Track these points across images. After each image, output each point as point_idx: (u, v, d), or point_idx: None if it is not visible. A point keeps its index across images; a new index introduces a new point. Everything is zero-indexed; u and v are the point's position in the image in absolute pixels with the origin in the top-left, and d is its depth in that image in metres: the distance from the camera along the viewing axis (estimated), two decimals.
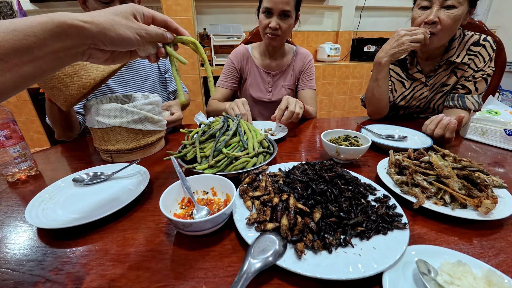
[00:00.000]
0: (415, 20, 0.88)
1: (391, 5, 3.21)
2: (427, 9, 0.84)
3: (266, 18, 1.01)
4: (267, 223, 0.40)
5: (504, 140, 0.79)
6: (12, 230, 0.47)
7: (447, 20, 0.81)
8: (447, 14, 0.81)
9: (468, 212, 0.46)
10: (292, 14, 1.01)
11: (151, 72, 1.14)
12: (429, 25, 0.84)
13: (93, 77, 0.64)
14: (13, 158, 0.65)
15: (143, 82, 1.11)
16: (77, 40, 0.32)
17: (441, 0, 0.80)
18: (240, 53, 1.19)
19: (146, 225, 0.47)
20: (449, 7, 0.81)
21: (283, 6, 0.97)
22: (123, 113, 0.67)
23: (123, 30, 0.35)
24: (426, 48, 0.89)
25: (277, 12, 0.98)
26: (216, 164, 0.54)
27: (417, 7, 0.88)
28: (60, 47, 0.31)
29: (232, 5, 2.87)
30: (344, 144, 0.66)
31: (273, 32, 1.02)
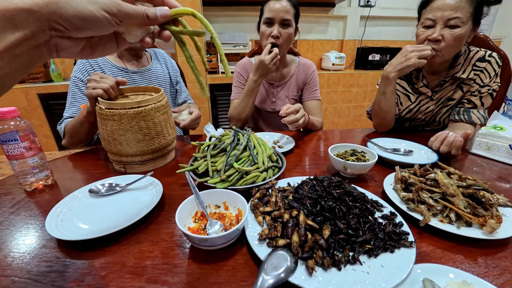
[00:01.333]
0: (419, 37, 0.90)
1: (396, 15, 3.24)
2: (431, 27, 0.87)
3: (267, 28, 1.06)
4: (278, 239, 0.42)
5: (510, 155, 0.80)
6: (33, 240, 0.49)
7: (450, 38, 0.83)
8: (450, 33, 0.83)
9: (473, 231, 0.47)
10: (292, 23, 1.06)
11: (163, 82, 1.18)
12: (432, 42, 0.86)
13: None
14: (31, 168, 0.68)
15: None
16: (29, 28, 0.25)
17: (445, 19, 0.83)
18: (244, 64, 1.24)
19: (161, 238, 0.49)
20: (453, 27, 0.83)
21: (283, 15, 1.02)
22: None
23: (83, 6, 0.27)
24: (430, 63, 0.92)
25: (278, 20, 1.03)
26: (228, 178, 0.56)
27: (421, 25, 0.90)
28: (12, 42, 0.24)
29: (239, 14, 2.93)
30: (351, 159, 0.68)
31: (275, 41, 1.05)
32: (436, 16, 0.84)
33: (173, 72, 1.24)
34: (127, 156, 0.72)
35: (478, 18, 0.85)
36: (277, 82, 1.22)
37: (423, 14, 0.90)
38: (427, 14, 0.87)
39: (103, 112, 0.69)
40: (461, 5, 0.81)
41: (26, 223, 0.55)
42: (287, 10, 1.02)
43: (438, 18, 0.84)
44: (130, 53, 1.10)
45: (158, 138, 0.74)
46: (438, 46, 0.86)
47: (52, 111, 2.69)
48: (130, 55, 1.10)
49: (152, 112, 0.71)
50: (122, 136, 0.69)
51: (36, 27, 0.25)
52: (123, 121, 0.68)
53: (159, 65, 1.20)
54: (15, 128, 0.64)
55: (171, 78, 1.23)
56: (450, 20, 0.82)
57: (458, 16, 0.81)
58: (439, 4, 0.84)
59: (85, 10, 0.27)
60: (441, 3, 0.83)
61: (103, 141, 0.73)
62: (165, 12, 0.35)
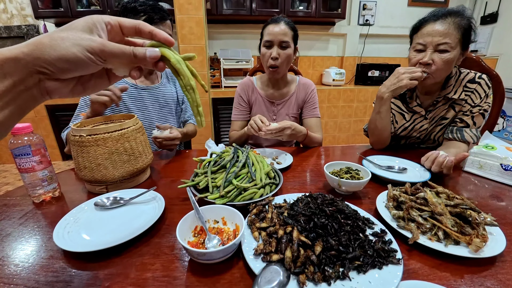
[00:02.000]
0: (411, 60, 0.96)
1: (394, 33, 3.35)
2: (422, 51, 0.92)
3: (267, 50, 1.12)
4: (272, 254, 0.44)
5: (501, 174, 0.82)
6: (41, 251, 0.52)
7: (440, 62, 0.88)
8: (440, 57, 0.88)
9: (460, 249, 0.49)
10: (291, 44, 1.12)
11: (171, 100, 1.23)
12: (423, 66, 0.91)
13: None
14: (41, 180, 0.71)
15: (161, 109, 1.19)
16: (18, 75, 0.27)
17: (434, 44, 0.88)
18: (245, 84, 1.29)
19: (162, 251, 0.51)
20: (442, 51, 0.88)
21: (281, 37, 1.08)
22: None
23: (66, 49, 0.28)
24: (422, 84, 0.96)
25: (276, 43, 1.10)
26: (227, 194, 0.59)
27: (413, 49, 0.95)
28: (3, 90, 0.27)
29: (242, 32, 3.04)
30: (346, 177, 0.70)
31: (274, 62, 1.11)
32: (426, 41, 0.90)
33: (181, 91, 1.30)
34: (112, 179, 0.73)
35: (466, 43, 0.90)
36: (278, 100, 1.27)
37: (414, 38, 0.96)
38: (418, 39, 0.93)
39: (84, 139, 0.69)
40: (449, 31, 0.86)
41: (35, 234, 0.57)
42: (285, 32, 1.08)
43: (428, 43, 0.89)
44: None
45: (141, 157, 0.78)
46: (429, 69, 0.90)
47: (58, 122, 2.76)
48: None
49: (134, 133, 0.76)
50: (108, 159, 0.71)
51: (23, 73, 0.27)
52: (107, 144, 0.70)
53: (168, 83, 1.25)
54: (28, 142, 0.68)
55: (178, 97, 1.29)
56: (440, 45, 0.88)
57: (447, 42, 0.86)
58: (429, 30, 0.89)
59: (68, 53, 0.28)
60: (431, 29, 0.89)
61: (83, 170, 0.71)
62: (154, 54, 0.34)
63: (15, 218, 0.64)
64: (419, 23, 0.94)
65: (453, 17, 0.87)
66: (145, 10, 1.00)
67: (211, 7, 2.61)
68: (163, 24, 1.04)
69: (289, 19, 1.13)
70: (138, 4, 1.01)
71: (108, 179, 0.72)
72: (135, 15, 1.02)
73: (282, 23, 1.09)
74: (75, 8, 2.51)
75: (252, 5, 2.67)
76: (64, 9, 2.50)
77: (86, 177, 0.72)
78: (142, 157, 0.78)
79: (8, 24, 2.82)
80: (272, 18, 1.13)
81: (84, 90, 0.35)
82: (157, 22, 1.02)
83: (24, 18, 2.83)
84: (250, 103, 1.30)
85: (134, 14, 1.02)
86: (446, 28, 0.86)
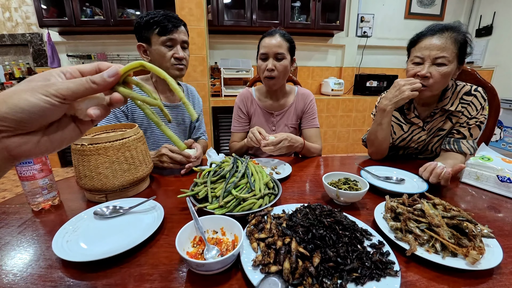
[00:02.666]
0: (409, 72, 0.98)
1: (391, 45, 3.42)
2: (420, 64, 0.94)
3: (263, 62, 1.14)
4: (271, 265, 0.44)
5: (498, 186, 0.83)
6: (39, 260, 0.52)
7: (437, 75, 0.90)
8: (437, 70, 0.90)
9: (457, 261, 0.49)
10: (286, 56, 1.14)
11: (188, 119, 1.24)
12: (421, 78, 0.93)
13: None
14: (41, 188, 0.71)
15: (178, 126, 1.21)
16: None
17: (432, 58, 0.90)
18: (244, 96, 1.31)
19: (161, 261, 0.51)
20: (439, 64, 0.90)
21: (276, 50, 1.11)
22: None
23: (18, 98, 0.26)
24: (420, 96, 0.98)
25: (272, 55, 1.12)
26: (226, 204, 0.59)
27: (410, 62, 0.98)
28: None
29: (242, 42, 3.10)
30: (344, 188, 0.71)
31: (270, 74, 1.13)
32: (424, 54, 0.92)
33: (198, 109, 1.32)
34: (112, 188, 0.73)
35: (462, 57, 0.92)
36: (276, 111, 1.28)
37: (412, 52, 0.98)
38: (415, 52, 0.95)
39: (86, 148, 0.69)
40: (446, 45, 0.89)
41: (33, 243, 0.57)
42: (280, 44, 1.10)
43: (426, 57, 0.91)
44: (166, 84, 1.14)
45: (141, 166, 0.78)
46: (426, 82, 0.92)
47: None
48: (165, 85, 1.15)
49: (135, 142, 0.77)
50: (108, 168, 0.71)
51: None
52: (108, 153, 0.71)
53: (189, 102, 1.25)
54: None
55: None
56: (437, 58, 0.90)
57: (445, 56, 0.89)
58: (426, 44, 0.92)
59: (21, 100, 0.26)
60: (429, 43, 0.91)
61: (84, 178, 0.72)
62: (113, 70, 0.31)
63: (14, 226, 0.64)
64: (416, 37, 0.97)
65: (450, 32, 0.89)
66: (157, 22, 0.99)
67: (213, 18, 2.67)
68: (177, 31, 1.02)
69: (284, 31, 1.15)
70: (149, 18, 1.00)
71: (108, 188, 0.72)
72: (148, 31, 1.01)
73: (277, 35, 1.12)
74: (79, 17, 2.56)
75: (253, 16, 2.73)
76: (68, 18, 2.55)
77: (86, 185, 0.72)
78: (142, 166, 0.79)
79: (13, 32, 2.87)
80: (268, 31, 1.16)
81: (52, 144, 0.31)
82: (172, 30, 1.01)
83: (29, 27, 2.88)
84: (249, 114, 1.31)
85: (147, 29, 1.01)
86: (443, 43, 0.89)
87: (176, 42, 1.03)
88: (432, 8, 3.43)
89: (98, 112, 0.31)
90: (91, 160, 0.70)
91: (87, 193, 0.77)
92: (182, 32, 1.04)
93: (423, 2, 3.39)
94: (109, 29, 2.75)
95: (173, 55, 1.04)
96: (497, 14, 3.30)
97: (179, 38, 1.03)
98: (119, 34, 2.90)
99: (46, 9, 2.60)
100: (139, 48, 1.07)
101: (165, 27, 0.99)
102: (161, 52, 1.02)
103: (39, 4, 2.49)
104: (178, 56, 1.04)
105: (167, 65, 1.05)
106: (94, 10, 2.68)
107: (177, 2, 2.10)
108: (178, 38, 1.03)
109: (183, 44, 1.06)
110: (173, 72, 1.07)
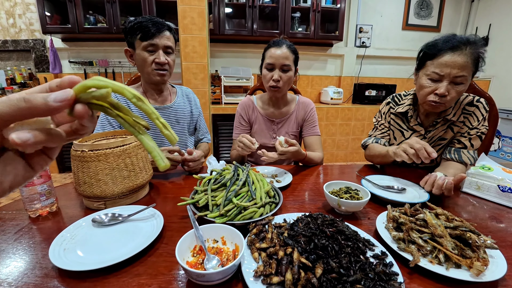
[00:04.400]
0: (424, 89, 0.94)
1: (390, 55, 3.47)
2: (437, 81, 0.91)
3: (269, 72, 1.15)
4: (272, 276, 0.44)
5: (499, 195, 0.82)
6: (35, 268, 0.51)
7: (454, 94, 0.89)
8: (455, 89, 0.88)
9: (461, 272, 0.48)
10: (292, 67, 1.15)
11: (183, 119, 1.24)
12: (438, 97, 0.90)
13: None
14: (39, 195, 0.70)
15: (172, 127, 1.20)
16: None
17: (452, 76, 0.87)
18: (246, 104, 1.32)
19: (160, 271, 0.50)
20: (458, 83, 0.88)
21: (283, 61, 1.11)
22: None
23: None
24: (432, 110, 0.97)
25: (278, 66, 1.12)
26: (227, 213, 0.59)
27: (427, 77, 0.93)
28: None
29: (243, 51, 3.14)
30: (345, 197, 0.71)
31: (276, 84, 1.14)
32: (444, 71, 0.87)
33: (196, 110, 1.31)
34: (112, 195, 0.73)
35: (474, 74, 0.91)
36: (278, 119, 1.29)
37: (429, 66, 0.92)
38: (434, 68, 0.90)
39: (86, 154, 0.69)
40: (467, 64, 0.85)
41: (30, 251, 0.56)
42: (287, 56, 1.11)
43: (446, 75, 0.87)
44: (152, 88, 1.16)
45: (141, 173, 0.78)
46: (443, 100, 0.90)
47: None
48: (152, 89, 1.16)
49: (136, 149, 0.77)
50: (108, 175, 0.71)
51: None
52: (109, 160, 0.70)
53: (182, 102, 1.25)
54: None
55: (193, 116, 1.30)
56: (457, 77, 0.86)
57: (464, 75, 0.86)
58: (447, 61, 0.86)
59: None
60: (450, 60, 0.86)
61: (83, 185, 0.71)
62: (62, 95, 0.23)
63: (10, 233, 0.63)
64: (435, 49, 0.90)
65: (470, 48, 0.85)
66: (140, 27, 0.99)
67: (214, 28, 2.71)
68: (159, 36, 1.01)
69: (290, 42, 1.17)
70: (134, 23, 1.01)
71: (107, 195, 0.71)
72: (132, 36, 1.02)
73: (284, 47, 1.12)
74: (82, 25, 2.59)
75: (253, 26, 2.78)
76: (71, 25, 2.58)
77: (85, 192, 0.71)
78: (142, 173, 0.78)
79: (16, 38, 2.90)
80: (274, 40, 1.17)
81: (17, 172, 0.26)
82: (154, 35, 1.00)
83: (32, 33, 2.91)
84: (251, 122, 1.32)
85: (131, 35, 1.02)
86: (465, 61, 0.85)
87: (158, 47, 1.03)
88: (429, 20, 3.50)
89: (28, 136, 0.22)
90: (91, 167, 0.70)
91: (85, 200, 0.76)
92: (165, 37, 1.04)
93: (420, 14, 3.47)
94: (111, 36, 2.78)
95: (154, 60, 1.04)
96: (493, 25, 3.37)
97: (160, 43, 1.03)
98: (121, 41, 2.93)
99: (50, 16, 2.63)
100: (126, 52, 1.09)
101: (147, 32, 1.00)
102: (142, 56, 1.03)
103: (43, 11, 2.53)
104: (159, 61, 1.04)
105: (148, 70, 1.06)
106: (98, 18, 2.72)
107: (179, 11, 2.13)
108: (159, 43, 1.02)
109: (166, 49, 1.06)
110: (154, 78, 1.08)
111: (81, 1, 2.53)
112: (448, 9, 3.49)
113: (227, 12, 2.88)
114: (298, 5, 2.90)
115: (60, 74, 3.00)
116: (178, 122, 1.23)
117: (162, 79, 1.10)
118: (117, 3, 2.57)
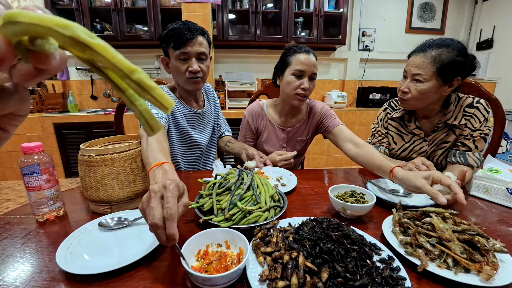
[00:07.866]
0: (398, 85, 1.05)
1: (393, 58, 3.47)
2: (406, 78, 1.00)
3: (297, 80, 1.07)
4: (278, 281, 0.43)
5: (508, 199, 0.81)
6: (43, 272, 0.51)
7: (414, 92, 0.95)
8: (414, 86, 0.95)
9: (471, 277, 0.47)
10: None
11: (211, 119, 1.27)
12: (401, 92, 1.01)
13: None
14: (47, 199, 0.72)
15: (205, 127, 1.24)
16: None
17: (411, 74, 0.96)
18: (255, 111, 1.25)
19: (164, 275, 0.50)
20: (417, 81, 0.94)
21: (313, 69, 1.07)
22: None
23: None
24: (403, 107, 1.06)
25: (308, 73, 1.06)
26: (231, 217, 0.59)
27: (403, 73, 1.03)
28: None
29: (246, 56, 3.17)
30: (350, 201, 0.70)
31: (304, 93, 1.08)
32: (406, 70, 0.99)
33: (216, 106, 1.32)
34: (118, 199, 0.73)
35: (446, 77, 0.91)
36: (289, 127, 1.24)
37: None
38: (405, 66, 1.00)
39: (93, 159, 0.70)
40: (423, 64, 0.92)
41: (37, 255, 0.57)
42: (315, 64, 1.07)
43: (408, 72, 0.98)
44: (189, 94, 1.15)
45: (147, 177, 0.78)
46: (405, 96, 0.99)
47: (64, 140, 2.81)
48: (189, 95, 1.15)
49: (141, 154, 0.77)
50: (114, 179, 0.71)
51: None
52: (115, 164, 0.71)
53: (209, 104, 1.26)
54: (37, 161, 0.69)
55: (217, 114, 1.32)
56: (415, 75, 0.94)
57: (420, 73, 0.92)
58: (409, 61, 0.98)
59: None
60: (410, 60, 0.97)
61: (89, 189, 0.72)
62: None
63: (18, 238, 0.64)
64: (411, 51, 1.01)
65: (435, 50, 0.90)
66: (172, 35, 0.98)
67: (218, 33, 2.75)
68: (192, 43, 0.99)
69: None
70: (167, 31, 1.00)
71: (113, 199, 0.72)
72: (166, 45, 1.02)
73: (312, 54, 1.07)
74: None
75: (257, 31, 2.81)
76: None
77: (91, 196, 0.72)
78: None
79: None
80: (298, 46, 1.10)
81: None
82: (186, 43, 0.98)
83: None
84: (258, 131, 1.27)
85: (165, 43, 1.02)
86: (422, 61, 0.92)
87: (191, 55, 1.01)
88: (433, 23, 3.50)
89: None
90: (98, 171, 0.71)
91: (91, 204, 0.77)
92: (197, 43, 1.00)
93: (424, 16, 3.47)
94: (117, 44, 2.83)
95: (188, 69, 1.02)
96: (497, 28, 3.35)
97: (193, 51, 1.00)
98: (127, 48, 2.99)
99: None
100: (163, 61, 1.09)
101: (179, 40, 0.98)
102: (176, 66, 1.03)
103: None
104: (192, 70, 1.01)
105: (183, 79, 1.05)
106: (104, 26, 2.78)
107: (183, 18, 2.17)
108: (192, 50, 1.00)
109: (199, 55, 1.03)
110: (188, 87, 1.07)
111: (88, 10, 2.59)
112: (452, 11, 3.48)
113: (231, 18, 2.92)
114: (300, 10, 2.93)
115: (68, 81, 3.06)
116: (209, 123, 1.24)
117: (196, 87, 1.09)
118: (123, 11, 2.63)
